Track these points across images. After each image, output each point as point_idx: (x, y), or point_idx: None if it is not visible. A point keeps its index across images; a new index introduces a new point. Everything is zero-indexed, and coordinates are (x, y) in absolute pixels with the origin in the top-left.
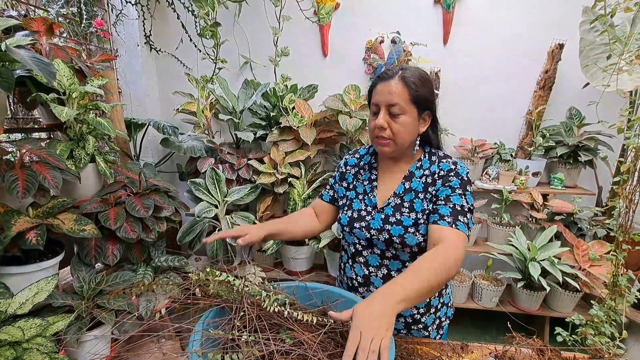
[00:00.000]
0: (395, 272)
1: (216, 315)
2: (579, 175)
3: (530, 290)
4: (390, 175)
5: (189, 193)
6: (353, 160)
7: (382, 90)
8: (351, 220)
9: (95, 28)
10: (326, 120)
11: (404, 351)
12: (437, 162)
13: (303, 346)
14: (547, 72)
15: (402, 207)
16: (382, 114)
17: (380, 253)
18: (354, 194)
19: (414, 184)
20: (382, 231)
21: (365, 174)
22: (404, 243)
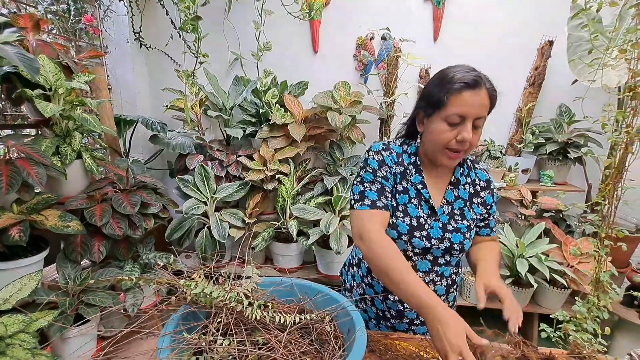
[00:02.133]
0: (440, 276)
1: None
2: (568, 172)
3: (518, 286)
4: (435, 179)
5: (178, 190)
6: (394, 158)
7: (472, 101)
8: (411, 229)
9: (84, 24)
10: (316, 117)
11: (382, 346)
12: (473, 169)
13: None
14: (537, 69)
15: (455, 214)
16: (469, 127)
17: (432, 259)
18: (407, 197)
19: (461, 193)
20: (443, 240)
21: (415, 176)
22: (462, 249)
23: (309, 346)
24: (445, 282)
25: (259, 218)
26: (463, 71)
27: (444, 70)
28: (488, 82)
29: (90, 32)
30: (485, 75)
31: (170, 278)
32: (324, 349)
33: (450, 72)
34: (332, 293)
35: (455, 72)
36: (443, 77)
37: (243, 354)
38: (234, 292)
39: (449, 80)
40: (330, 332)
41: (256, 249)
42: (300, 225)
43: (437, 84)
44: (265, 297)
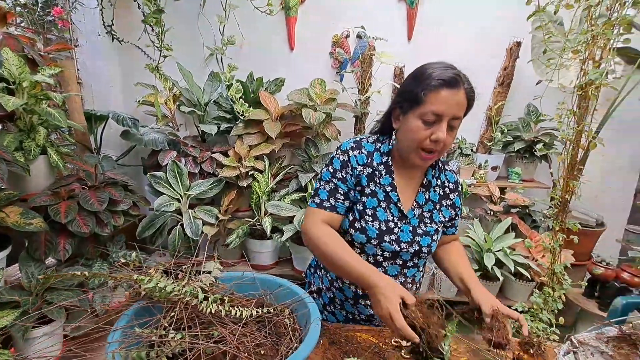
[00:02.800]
0: (410, 278)
1: (147, 313)
2: (535, 169)
3: (486, 280)
4: (407, 181)
5: (150, 187)
6: (363, 158)
7: (449, 100)
8: (380, 234)
9: (53, 17)
10: (292, 114)
11: (342, 338)
12: (443, 170)
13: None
14: (506, 69)
15: (424, 217)
16: (444, 127)
17: (402, 263)
18: (375, 201)
19: (432, 195)
20: (412, 244)
21: (385, 178)
22: (430, 251)
23: (265, 338)
24: (414, 286)
25: (233, 215)
26: (442, 68)
27: (423, 66)
28: (467, 82)
29: (60, 25)
30: (464, 75)
31: (125, 274)
32: (281, 341)
33: (429, 69)
34: (293, 287)
35: (434, 69)
36: (421, 73)
37: (196, 347)
38: (190, 287)
39: (427, 76)
40: (289, 324)
41: (230, 246)
42: (275, 222)
43: (414, 79)
44: (225, 292)
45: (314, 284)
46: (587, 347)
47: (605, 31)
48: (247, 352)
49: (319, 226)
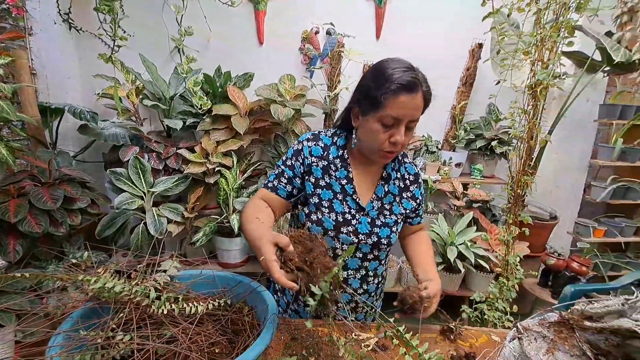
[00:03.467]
0: (372, 272)
1: (95, 315)
2: (495, 166)
3: (450, 272)
4: (365, 174)
5: (110, 184)
6: (318, 150)
7: (407, 104)
8: (337, 225)
9: (7, 4)
10: (261, 110)
11: (304, 334)
12: (402, 163)
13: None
14: (469, 70)
15: (384, 209)
16: (402, 131)
17: (362, 256)
18: (331, 193)
19: (391, 188)
20: (370, 235)
21: (340, 171)
22: (389, 243)
23: (221, 336)
24: (377, 280)
25: (201, 213)
26: (401, 70)
27: (382, 65)
28: (424, 83)
29: (14, 13)
30: (422, 76)
31: (70, 274)
32: (238, 339)
33: (388, 69)
34: (253, 283)
35: (393, 71)
36: (380, 74)
37: (145, 348)
38: (141, 286)
39: (386, 79)
40: (247, 322)
41: (197, 244)
42: None
43: (374, 80)
44: (180, 291)
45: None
46: (531, 333)
47: (552, 34)
48: (201, 351)
49: (253, 200)
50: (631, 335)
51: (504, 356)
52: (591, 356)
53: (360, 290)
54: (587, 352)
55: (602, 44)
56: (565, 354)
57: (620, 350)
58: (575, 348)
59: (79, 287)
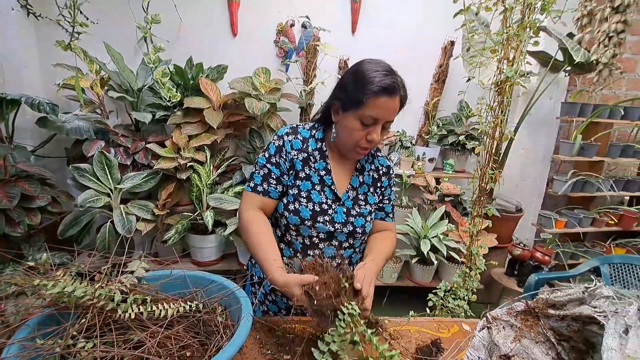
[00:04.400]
0: (347, 259)
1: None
2: (466, 161)
3: (423, 265)
4: (341, 166)
5: (73, 180)
6: (298, 144)
7: (387, 106)
8: (314, 214)
9: None
10: (236, 103)
11: (279, 331)
12: (375, 157)
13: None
14: (441, 67)
15: (359, 199)
16: (379, 130)
17: (338, 244)
18: (309, 184)
19: (366, 179)
20: (346, 224)
21: (320, 163)
22: (364, 232)
23: (193, 339)
24: (351, 268)
25: (173, 210)
26: (382, 74)
27: (363, 66)
28: (403, 88)
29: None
30: (401, 80)
31: (26, 278)
32: (211, 341)
33: (369, 71)
34: (226, 282)
35: (375, 74)
36: (362, 75)
37: (109, 355)
38: (105, 289)
39: (368, 80)
40: (221, 322)
41: (169, 243)
42: (217, 215)
43: (356, 81)
44: (149, 292)
45: (255, 274)
46: (500, 322)
47: (518, 33)
48: (170, 355)
49: (250, 211)
50: (590, 321)
51: (474, 345)
52: (554, 342)
53: None
54: (550, 338)
55: (564, 45)
56: (531, 340)
57: (580, 335)
58: (540, 335)
59: (36, 292)
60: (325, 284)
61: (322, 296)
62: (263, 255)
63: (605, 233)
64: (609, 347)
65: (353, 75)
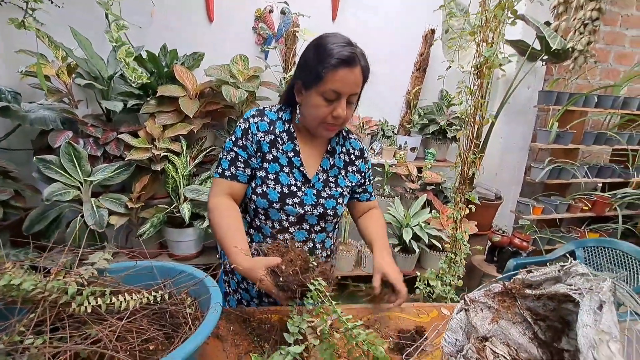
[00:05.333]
0: (320, 244)
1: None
2: (447, 149)
3: (405, 253)
4: (311, 147)
5: (39, 173)
6: (264, 125)
7: (347, 78)
8: (282, 197)
9: None
10: (213, 92)
11: (257, 321)
12: (347, 139)
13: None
14: (422, 55)
15: (329, 182)
16: (344, 105)
17: (309, 228)
18: (278, 166)
19: (336, 161)
20: (316, 206)
21: (288, 145)
22: (335, 214)
23: (157, 332)
24: (325, 252)
25: (148, 203)
26: (340, 45)
27: (320, 41)
28: (363, 58)
29: None
30: (360, 51)
31: None
32: (178, 333)
33: (328, 44)
34: (196, 272)
35: (332, 46)
36: (321, 49)
37: (61, 351)
38: (58, 282)
39: (327, 54)
40: (190, 314)
41: (144, 237)
42: (195, 207)
43: (314, 56)
44: (110, 285)
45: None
46: (477, 304)
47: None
48: (130, 349)
49: (217, 197)
50: (565, 299)
51: (451, 328)
52: (531, 321)
53: None
54: (527, 318)
55: (541, 33)
56: (508, 321)
57: (556, 314)
58: (517, 315)
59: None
60: (292, 260)
61: (289, 272)
62: (227, 241)
63: (580, 218)
64: (584, 323)
65: (311, 52)
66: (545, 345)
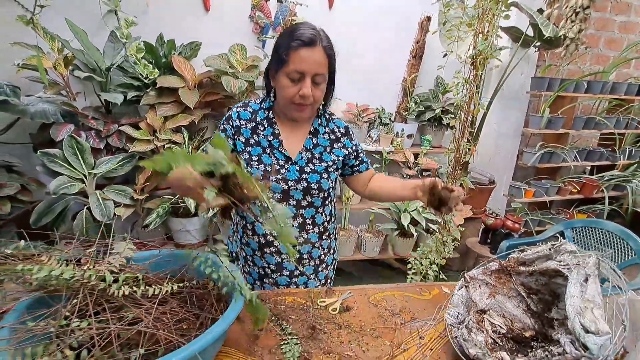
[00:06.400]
0: (310, 219)
1: (43, 306)
2: (443, 136)
3: (403, 237)
4: (292, 130)
5: (43, 167)
6: (246, 114)
7: (307, 58)
8: (266, 174)
9: None
10: (212, 82)
11: (272, 302)
12: (331, 120)
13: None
14: (418, 43)
15: (314, 159)
16: (308, 83)
17: (296, 203)
18: (260, 149)
19: (320, 140)
20: (300, 181)
21: (267, 129)
22: (320, 188)
23: (187, 313)
24: (318, 229)
25: (152, 193)
26: (303, 29)
27: (290, 28)
28: (325, 40)
29: None
30: (324, 34)
31: (8, 264)
32: (204, 314)
33: (293, 30)
34: (216, 258)
35: (296, 31)
36: (287, 35)
37: (106, 332)
38: (94, 271)
39: (290, 38)
40: (214, 295)
41: (150, 227)
42: None
43: (281, 42)
44: (140, 272)
45: (233, 251)
46: (476, 281)
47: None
48: (167, 328)
49: None
50: (555, 274)
51: (453, 303)
52: (524, 295)
53: (300, 239)
54: (521, 293)
55: (534, 20)
56: (504, 296)
57: (547, 287)
58: (512, 290)
59: (20, 278)
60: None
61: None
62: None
63: (569, 201)
64: (572, 294)
65: (280, 38)
66: (537, 316)
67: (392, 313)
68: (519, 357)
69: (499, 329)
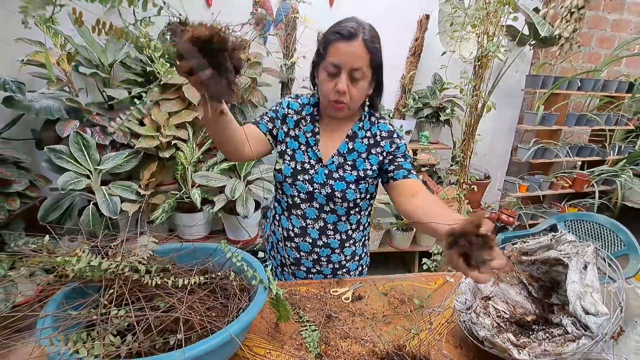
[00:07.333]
0: (331, 225)
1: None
2: (440, 132)
3: (403, 231)
4: (332, 131)
5: (49, 163)
6: (295, 105)
7: (345, 51)
8: (294, 172)
9: None
10: None
11: (287, 294)
12: (376, 124)
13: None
14: (417, 40)
15: (345, 165)
16: (344, 78)
17: (319, 207)
18: (296, 144)
19: (357, 145)
20: (324, 185)
21: (308, 125)
22: (344, 198)
23: (215, 302)
24: (340, 237)
25: (157, 189)
26: (345, 23)
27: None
28: (367, 32)
29: None
30: (367, 27)
31: (47, 257)
32: (230, 303)
33: (335, 24)
34: (238, 251)
35: (338, 25)
36: (329, 29)
37: (143, 319)
38: (127, 262)
39: (328, 32)
40: (237, 286)
41: (156, 222)
42: (204, 193)
43: (323, 35)
44: (165, 264)
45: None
46: None
47: (498, 8)
48: (199, 316)
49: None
50: (556, 263)
51: (461, 290)
52: (526, 283)
53: (320, 242)
54: (523, 280)
55: (531, 20)
56: (507, 284)
57: (547, 275)
58: (514, 278)
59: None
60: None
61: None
62: None
63: (561, 195)
64: (572, 280)
65: (324, 33)
66: (538, 302)
67: (402, 301)
68: (522, 338)
69: (503, 314)
